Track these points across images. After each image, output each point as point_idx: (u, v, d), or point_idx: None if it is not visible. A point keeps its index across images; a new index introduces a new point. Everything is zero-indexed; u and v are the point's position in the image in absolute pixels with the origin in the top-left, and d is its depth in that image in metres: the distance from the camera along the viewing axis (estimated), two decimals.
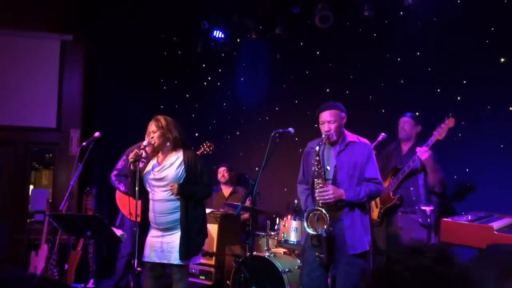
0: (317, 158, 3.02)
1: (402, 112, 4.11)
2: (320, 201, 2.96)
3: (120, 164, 4.51)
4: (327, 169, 3.09)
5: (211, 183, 3.49)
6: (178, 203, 3.31)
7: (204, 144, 4.83)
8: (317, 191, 2.99)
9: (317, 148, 3.02)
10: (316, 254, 2.98)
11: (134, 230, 3.30)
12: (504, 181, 4.05)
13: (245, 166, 5.80)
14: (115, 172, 4.51)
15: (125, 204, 4.42)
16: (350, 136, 3.17)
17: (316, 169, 3.02)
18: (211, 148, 4.81)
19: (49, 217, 4.45)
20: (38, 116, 6.00)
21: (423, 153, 3.57)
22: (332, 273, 3.10)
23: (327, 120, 3.08)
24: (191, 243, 3.29)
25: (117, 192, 4.54)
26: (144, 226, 3.44)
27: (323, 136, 3.08)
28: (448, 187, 4.08)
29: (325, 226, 2.90)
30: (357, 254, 3.00)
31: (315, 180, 3.03)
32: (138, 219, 4.31)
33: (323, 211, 2.92)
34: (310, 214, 2.99)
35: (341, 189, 3.00)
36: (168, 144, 3.38)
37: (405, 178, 3.79)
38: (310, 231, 2.96)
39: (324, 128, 3.09)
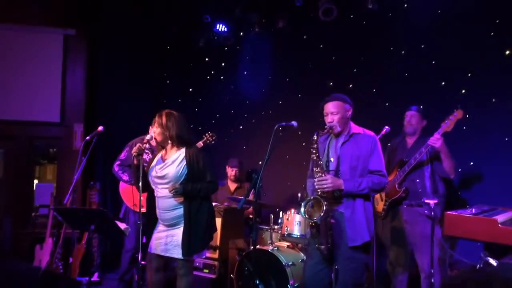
0: (315, 146, 3.02)
1: (406, 106, 4.08)
2: (319, 190, 2.95)
3: (123, 155, 4.48)
4: (330, 160, 3.08)
5: (215, 179, 3.43)
6: (181, 199, 3.29)
7: (207, 134, 4.82)
8: (315, 179, 2.97)
9: (315, 137, 3.03)
10: (316, 245, 2.96)
11: (138, 224, 3.30)
12: (509, 174, 4.02)
13: (248, 160, 5.79)
14: (117, 163, 4.47)
15: (129, 195, 4.41)
16: (355, 128, 3.14)
17: (314, 158, 3.02)
18: (214, 138, 4.79)
19: (53, 211, 4.47)
20: (42, 111, 6.02)
21: (436, 141, 3.55)
22: (335, 267, 3.06)
23: (330, 111, 3.09)
24: (194, 239, 3.27)
25: (121, 183, 4.52)
26: (149, 220, 3.43)
27: (326, 127, 3.09)
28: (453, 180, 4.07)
29: (321, 214, 2.87)
30: (358, 247, 2.95)
31: (314, 169, 3.02)
32: (137, 210, 4.36)
33: (320, 198, 2.90)
34: (308, 203, 2.98)
35: (340, 179, 2.98)
36: (167, 141, 3.38)
37: (411, 171, 3.77)
38: (307, 218, 2.96)
39: (327, 119, 3.10)
